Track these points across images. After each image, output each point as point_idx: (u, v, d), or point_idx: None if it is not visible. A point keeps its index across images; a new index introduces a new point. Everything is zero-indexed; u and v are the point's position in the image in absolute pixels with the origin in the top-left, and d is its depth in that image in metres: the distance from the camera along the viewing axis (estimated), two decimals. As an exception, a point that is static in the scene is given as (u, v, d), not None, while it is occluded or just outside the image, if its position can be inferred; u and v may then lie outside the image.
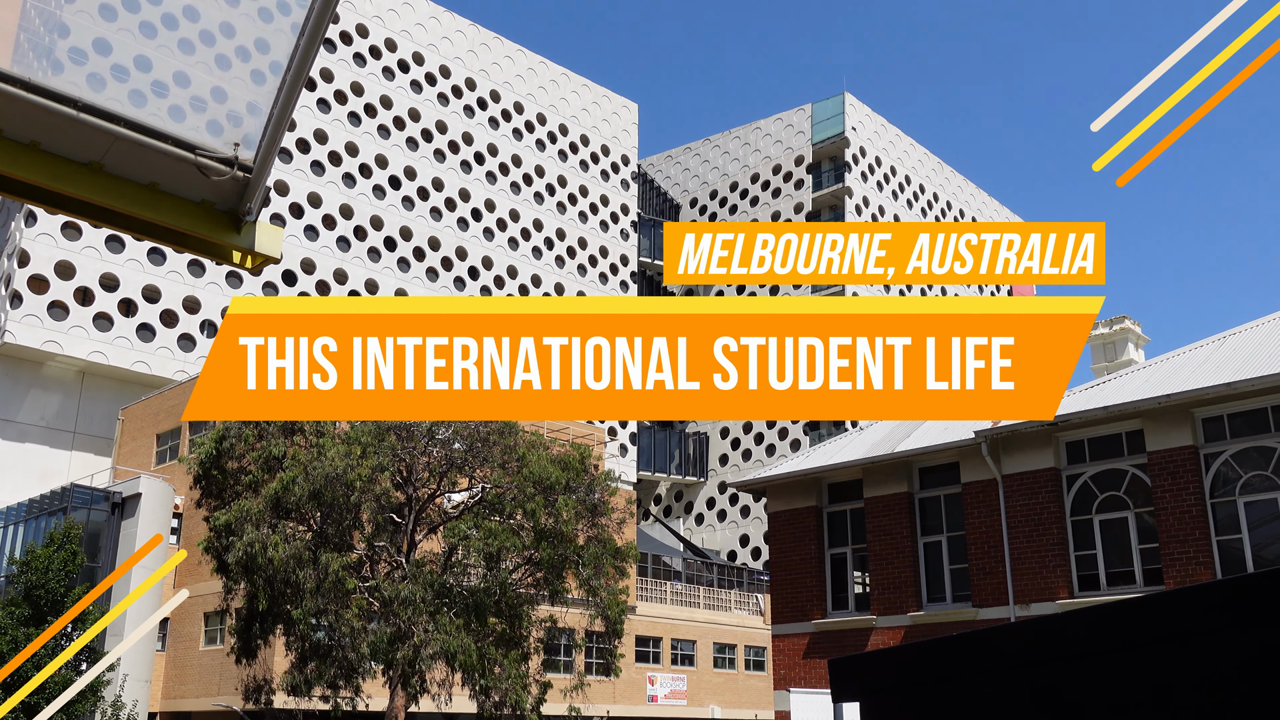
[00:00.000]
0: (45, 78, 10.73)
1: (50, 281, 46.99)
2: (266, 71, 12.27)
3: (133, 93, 11.83)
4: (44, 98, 10.54)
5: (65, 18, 11.62)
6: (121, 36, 11.91)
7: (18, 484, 45.32)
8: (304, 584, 22.47)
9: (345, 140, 57.47)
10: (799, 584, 21.44)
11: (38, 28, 11.50)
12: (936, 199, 79.29)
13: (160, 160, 11.95)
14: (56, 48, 11.53)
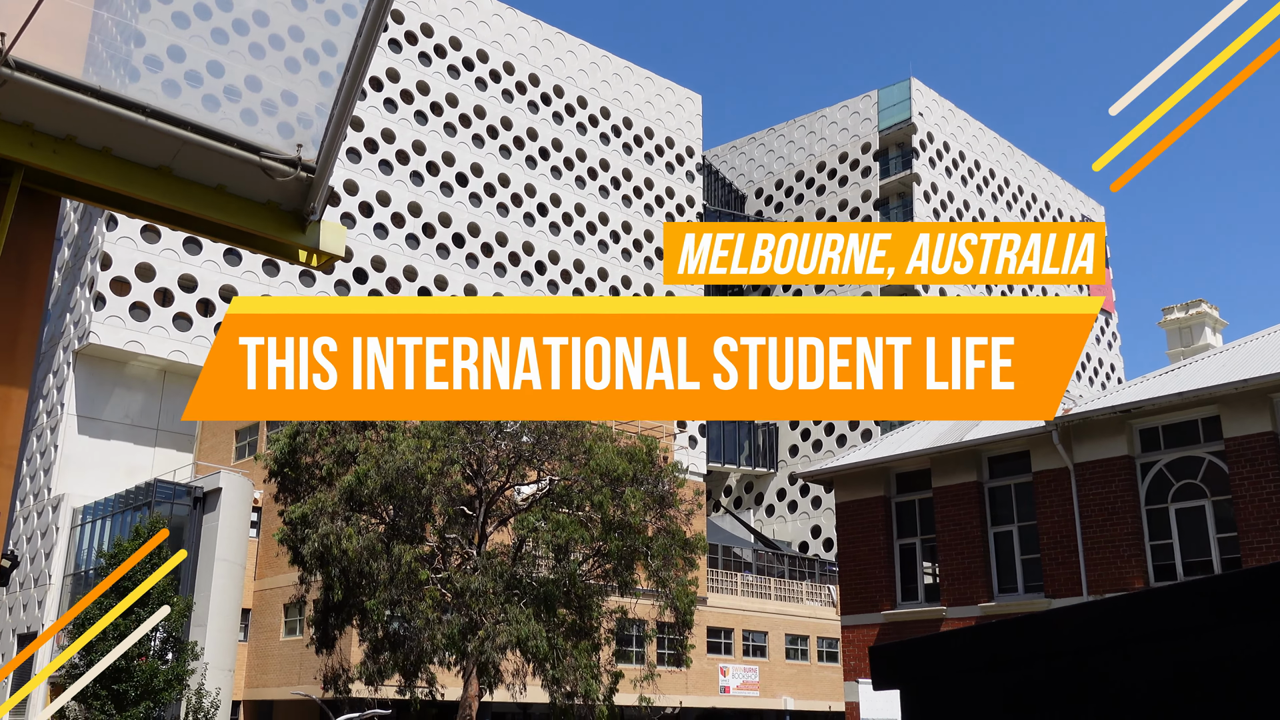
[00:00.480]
0: (116, 85, 11.07)
1: (131, 283, 48.35)
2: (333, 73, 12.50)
3: (201, 98, 12.14)
4: (114, 105, 10.88)
5: (140, 27, 11.96)
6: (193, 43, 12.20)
7: (105, 480, 46.76)
8: (378, 575, 22.92)
9: (412, 139, 58.22)
10: (868, 575, 21.32)
11: (113, 37, 11.87)
12: (1007, 183, 77.97)
13: (227, 163, 12.25)
14: (131, 56, 11.88)
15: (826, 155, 74.16)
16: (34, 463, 50.39)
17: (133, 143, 11.33)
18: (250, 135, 11.89)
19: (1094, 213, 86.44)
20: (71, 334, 49.54)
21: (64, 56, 11.27)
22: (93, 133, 11.18)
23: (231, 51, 13.64)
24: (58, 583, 42.74)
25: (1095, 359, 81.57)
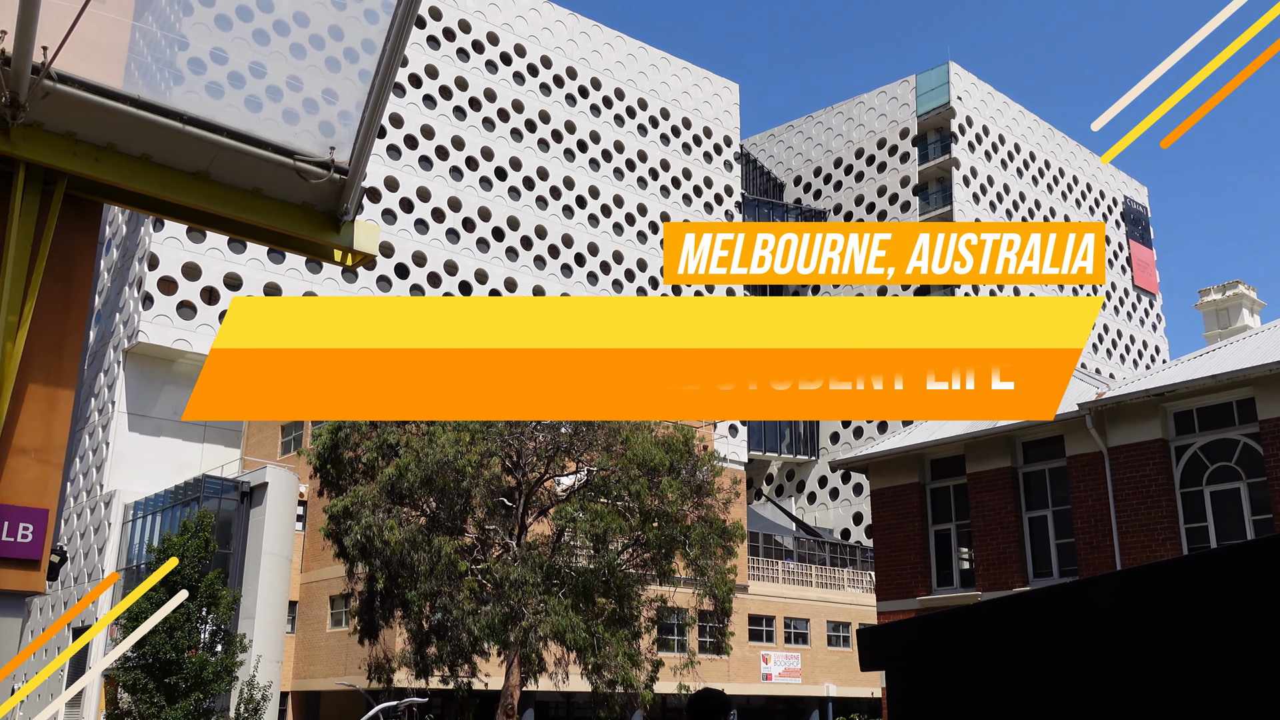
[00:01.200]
0: (155, 94, 11.42)
1: (178, 283, 49.28)
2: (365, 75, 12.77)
3: (237, 103, 12.51)
4: (153, 113, 11.23)
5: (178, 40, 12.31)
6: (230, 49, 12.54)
7: (155, 476, 47.75)
8: (418, 566, 23.34)
9: (451, 134, 58.72)
10: (903, 560, 21.41)
11: (152, 48, 12.21)
12: (1048, 166, 77.13)
13: (262, 167, 12.61)
14: (169, 66, 12.24)
15: (865, 142, 73.79)
16: (86, 460, 51.57)
17: (171, 149, 11.73)
18: (285, 139, 12.24)
19: (1137, 194, 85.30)
20: (121, 333, 50.60)
21: (104, 68, 11.66)
22: (133, 141, 11.58)
23: (267, 55, 14.02)
24: (112, 576, 43.73)
25: (1140, 341, 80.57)
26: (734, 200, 70.50)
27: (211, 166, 11.86)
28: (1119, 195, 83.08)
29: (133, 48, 11.66)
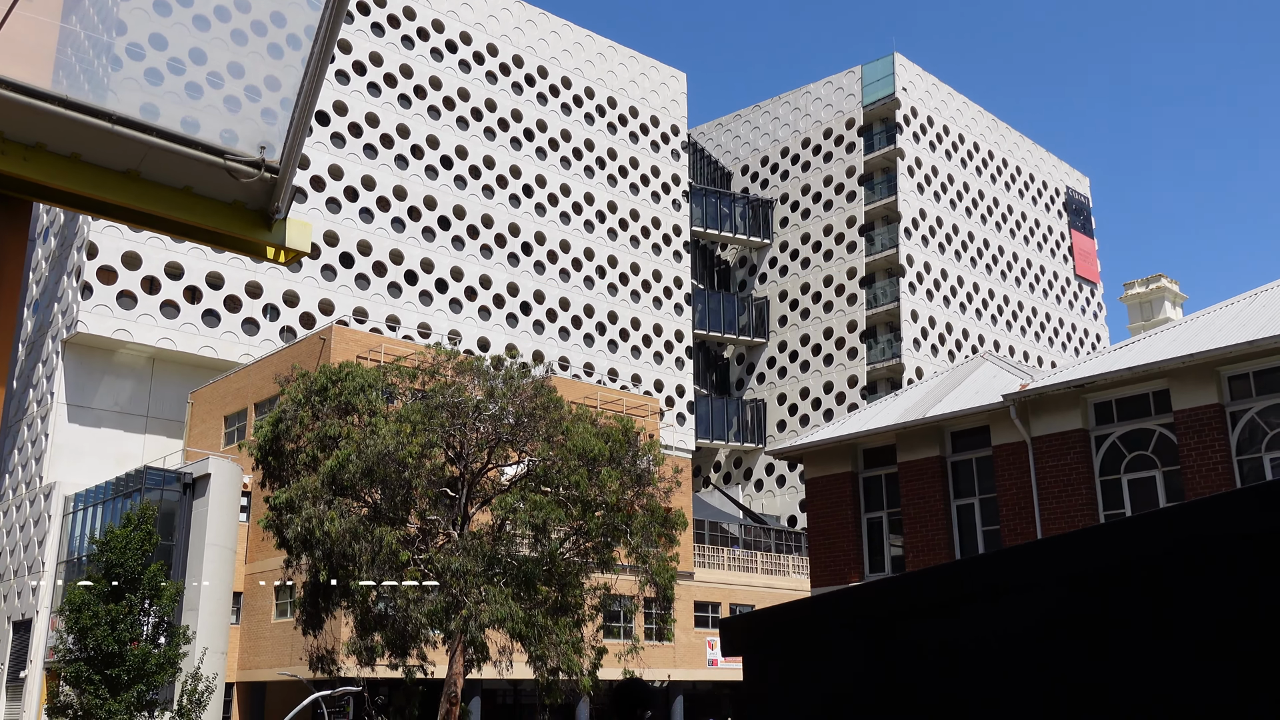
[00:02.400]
0: (84, 94, 11.54)
1: (118, 272, 48.66)
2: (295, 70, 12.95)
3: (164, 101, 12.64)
4: (81, 113, 11.37)
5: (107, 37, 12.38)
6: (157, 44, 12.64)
7: (95, 468, 47.24)
8: (360, 557, 23.45)
9: (396, 122, 58.42)
10: (836, 548, 21.90)
11: (81, 47, 12.31)
12: (992, 156, 78.27)
13: (192, 165, 12.77)
14: (98, 65, 12.34)
15: (812, 131, 74.40)
16: (25, 451, 50.86)
17: (100, 149, 11.79)
18: (208, 138, 12.35)
19: (1079, 184, 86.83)
20: (60, 323, 49.90)
21: (32, 68, 11.71)
22: (61, 140, 11.64)
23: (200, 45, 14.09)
24: (50, 569, 43.28)
25: (1080, 329, 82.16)
26: (681, 189, 70.83)
27: (141, 165, 11.95)
28: (1061, 185, 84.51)
29: (60, 48, 11.71)
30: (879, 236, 69.40)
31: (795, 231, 73.45)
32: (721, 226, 74.08)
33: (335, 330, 41.43)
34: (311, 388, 26.10)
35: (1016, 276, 77.90)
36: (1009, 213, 78.45)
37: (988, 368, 22.16)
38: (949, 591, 3.71)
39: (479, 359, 28.57)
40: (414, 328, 56.05)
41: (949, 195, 73.15)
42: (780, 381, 71.83)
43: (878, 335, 68.80)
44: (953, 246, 72.45)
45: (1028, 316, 77.82)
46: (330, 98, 56.15)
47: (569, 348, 62.36)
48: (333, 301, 54.27)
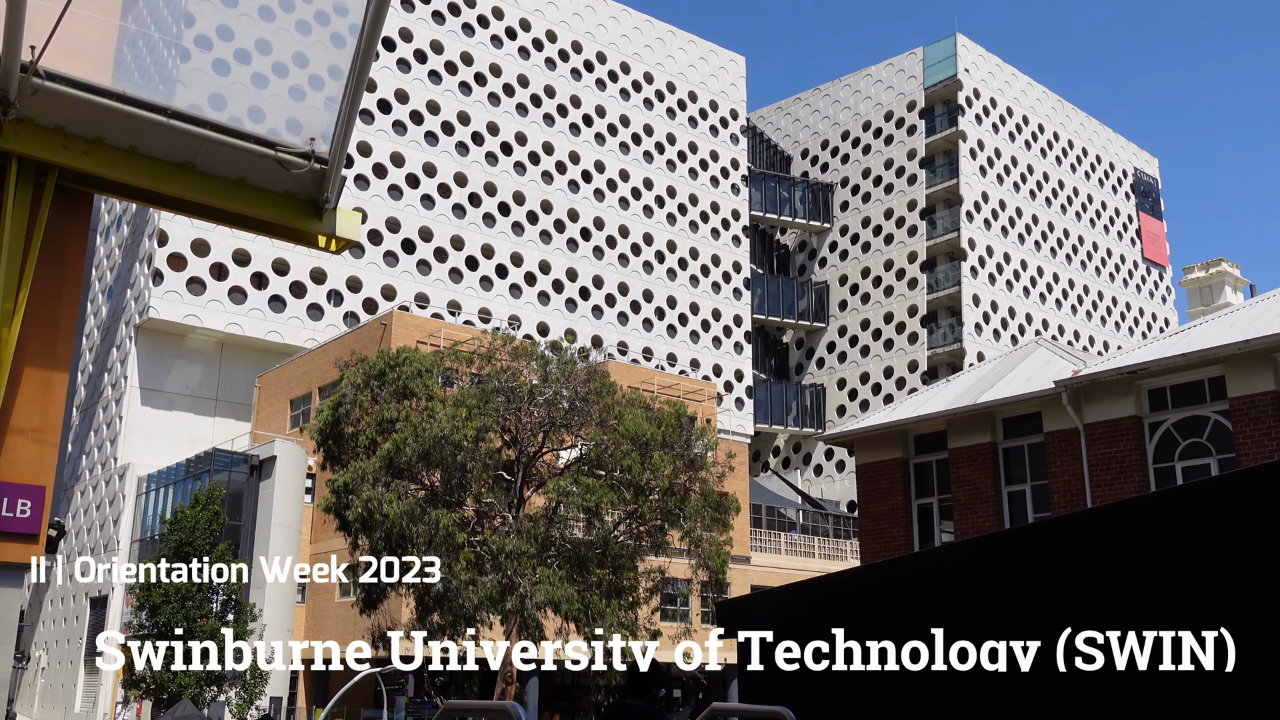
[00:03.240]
0: (141, 89, 11.95)
1: (188, 259, 49.91)
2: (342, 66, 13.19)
3: (230, 91, 13.04)
4: (138, 107, 11.77)
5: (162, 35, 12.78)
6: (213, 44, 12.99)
7: (167, 449, 48.60)
8: (417, 538, 23.95)
9: (457, 109, 59.02)
10: (887, 534, 21.91)
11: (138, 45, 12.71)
12: (1057, 138, 76.91)
13: (245, 157, 13.16)
14: (154, 61, 12.77)
15: (872, 114, 73.71)
16: (101, 433, 52.47)
17: (158, 142, 12.27)
18: (260, 130, 12.73)
19: (1147, 165, 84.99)
20: (132, 309, 51.32)
21: (92, 65, 12.18)
22: (120, 134, 12.12)
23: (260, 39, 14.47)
24: (125, 548, 44.68)
25: (1149, 314, 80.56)
26: (740, 174, 70.65)
27: (197, 158, 12.34)
28: (1129, 167, 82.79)
29: (119, 44, 12.12)
30: (940, 220, 68.63)
31: (855, 215, 72.91)
32: (781, 211, 73.76)
33: (396, 315, 42.13)
34: (370, 373, 26.63)
35: (1082, 260, 76.56)
36: (1074, 195, 77.08)
37: (1041, 353, 21.96)
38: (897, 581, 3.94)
39: (534, 344, 28.92)
40: (474, 313, 56.72)
41: (1012, 178, 72.07)
42: (840, 366, 71.47)
43: (939, 320, 68.13)
44: (1016, 230, 71.41)
45: (1093, 301, 76.47)
46: (392, 85, 56.91)
47: (628, 332, 62.64)
48: (395, 287, 55.10)
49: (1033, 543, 3.57)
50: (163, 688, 31.41)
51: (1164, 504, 3.12)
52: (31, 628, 51.84)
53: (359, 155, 55.05)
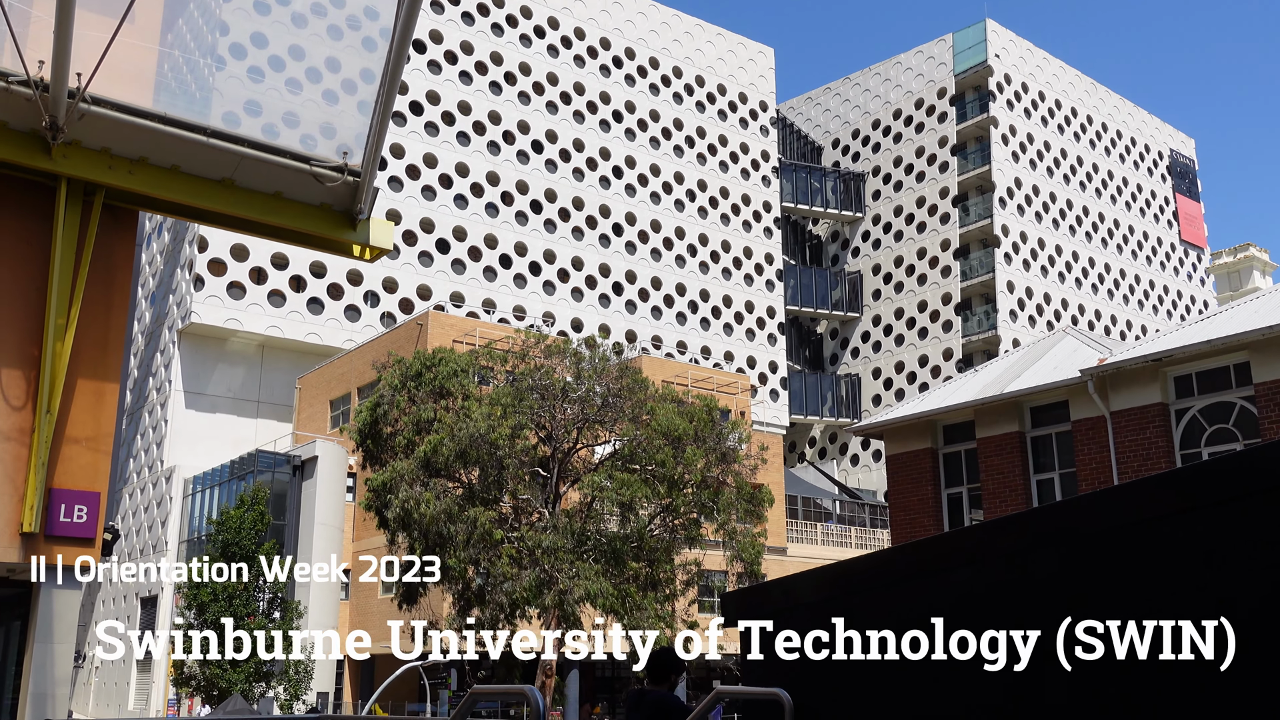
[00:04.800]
0: (181, 111, 12.50)
1: (228, 264, 50.84)
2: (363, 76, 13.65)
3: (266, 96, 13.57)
4: (179, 128, 12.32)
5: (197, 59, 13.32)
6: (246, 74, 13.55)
7: (211, 451, 49.58)
8: (455, 536, 24.47)
9: (488, 109, 59.58)
10: (917, 524, 22.15)
11: (178, 69, 13.27)
12: (1091, 121, 76.29)
13: (281, 172, 13.71)
14: (193, 85, 13.32)
15: (903, 102, 73.49)
16: (147, 436, 53.58)
17: (198, 160, 12.83)
18: (296, 146, 13.23)
19: (1184, 146, 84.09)
20: (175, 314, 52.35)
21: (135, 88, 12.74)
22: (162, 154, 12.68)
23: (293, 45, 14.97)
24: (173, 548, 45.68)
25: (1186, 296, 79.77)
26: (771, 165, 70.72)
27: (235, 174, 12.88)
28: (1165, 149, 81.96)
29: (160, 66, 12.66)
30: (973, 207, 68.38)
31: (887, 204, 72.78)
32: (812, 201, 73.76)
33: (432, 316, 42.74)
34: (407, 373, 27.18)
35: (1118, 244, 75.95)
36: (1109, 178, 76.45)
37: (1068, 342, 22.09)
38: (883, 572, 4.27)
39: (567, 341, 29.35)
40: (509, 311, 57.31)
41: (1045, 162, 71.62)
42: (874, 356, 71.43)
43: (973, 307, 67.91)
44: (1050, 215, 70.99)
45: (1130, 284, 75.86)
46: (423, 87, 57.54)
47: (661, 327, 63.00)
48: (430, 287, 55.79)
49: (1047, 519, 3.83)
50: (212, 684, 32.21)
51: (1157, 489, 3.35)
52: (85, 627, 53.10)
53: (392, 157, 55.74)
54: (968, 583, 3.80)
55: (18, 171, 11.96)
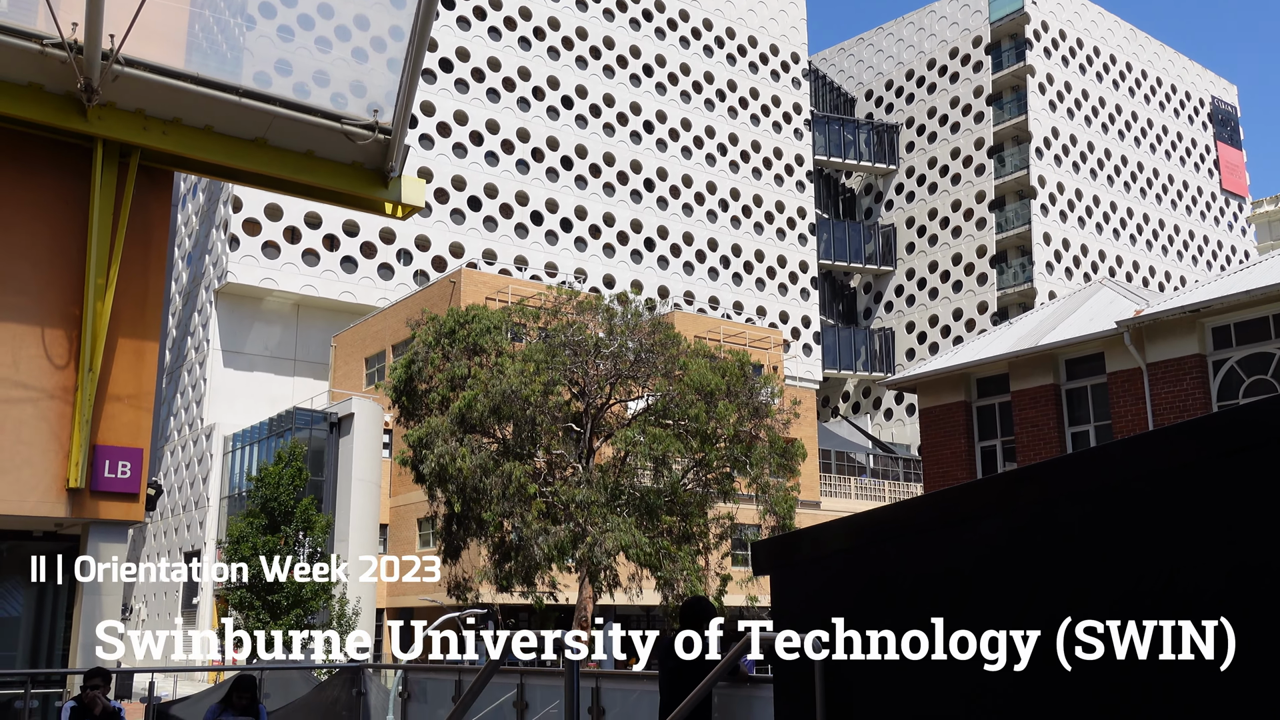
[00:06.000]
0: (213, 71, 12.59)
1: (262, 224, 51.18)
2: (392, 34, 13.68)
3: (296, 55, 13.61)
4: (212, 89, 12.41)
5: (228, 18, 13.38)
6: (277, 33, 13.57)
7: (249, 409, 50.23)
8: (490, 490, 24.74)
9: (518, 65, 59.31)
10: (950, 477, 22.13)
11: (209, 29, 13.33)
12: (1130, 68, 74.84)
13: (313, 131, 13.77)
14: (223, 44, 13.39)
15: (937, 52, 72.40)
16: (186, 395, 54.34)
17: (231, 120, 12.92)
18: (327, 104, 13.29)
19: (1225, 93, 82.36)
20: (211, 274, 52.85)
21: (167, 49, 12.83)
22: (196, 114, 12.78)
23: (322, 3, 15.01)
24: (215, 504, 46.46)
25: (1227, 246, 78.51)
26: (803, 118, 70.02)
27: (268, 133, 12.95)
28: (1206, 95, 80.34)
29: (191, 25, 12.72)
30: (1009, 158, 67.47)
31: (921, 156, 71.94)
32: (845, 154, 73.04)
33: (464, 273, 42.90)
34: (441, 330, 27.38)
35: (1157, 193, 74.75)
36: (1149, 127, 75.11)
37: (1105, 293, 21.88)
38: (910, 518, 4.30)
39: (599, 298, 29.41)
40: (541, 267, 57.37)
41: (1083, 111, 70.43)
42: (909, 310, 70.99)
43: (1009, 260, 67.23)
44: (1088, 165, 69.92)
45: (1169, 235, 74.75)
46: (452, 44, 57.33)
47: (693, 282, 62.87)
48: (463, 244, 55.92)
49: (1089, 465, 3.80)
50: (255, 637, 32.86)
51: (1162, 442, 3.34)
52: (132, 581, 54.23)
53: (423, 115, 55.70)
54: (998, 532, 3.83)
55: (55, 134, 12.12)
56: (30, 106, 11.51)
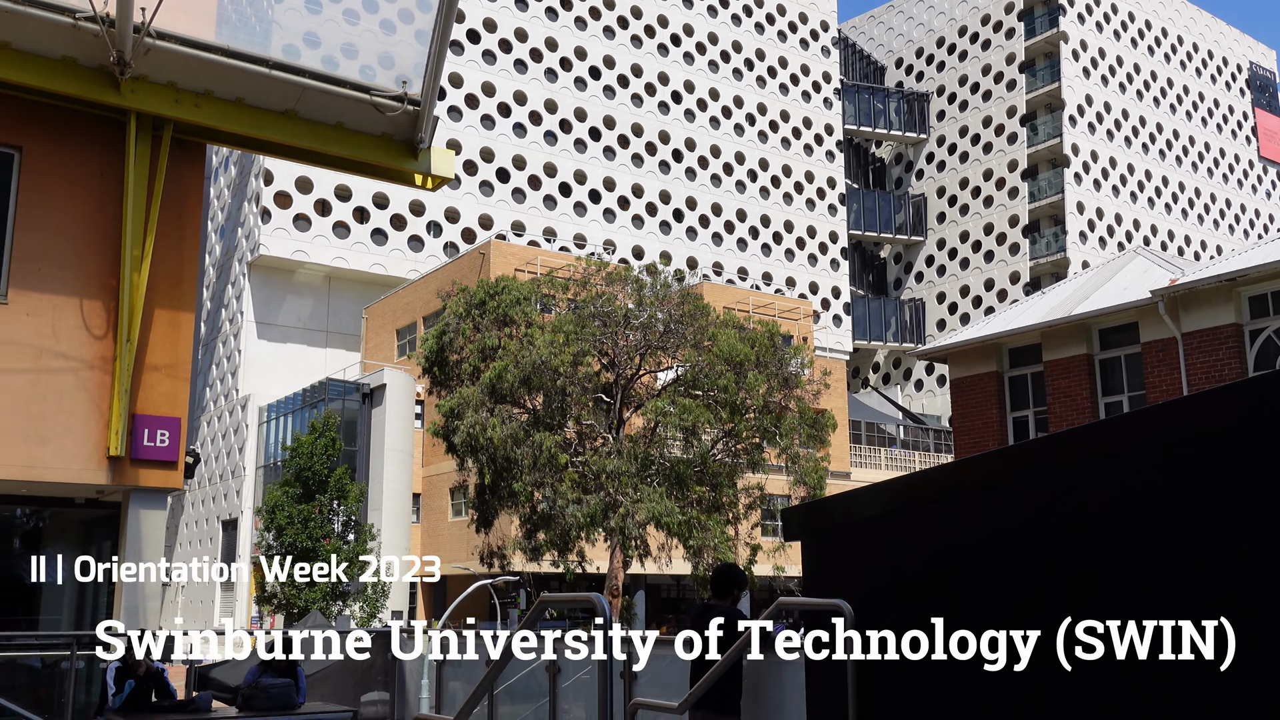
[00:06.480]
0: (243, 43, 12.66)
1: (293, 196, 51.45)
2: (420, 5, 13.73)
3: (324, 28, 13.68)
4: (243, 61, 12.50)
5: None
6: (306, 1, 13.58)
7: (283, 380, 50.71)
8: (521, 460, 24.92)
9: (545, 36, 59.12)
10: (981, 448, 22.05)
11: (241, 1, 13.39)
12: (1165, 34, 73.60)
13: (343, 103, 13.85)
14: (253, 15, 13.46)
15: (969, 19, 71.48)
16: (221, 366, 54.93)
17: (261, 92, 13.00)
18: (356, 76, 13.34)
19: (1264, 58, 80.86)
20: (244, 247, 53.26)
21: (198, 21, 12.90)
22: (227, 86, 12.88)
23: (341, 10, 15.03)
24: (250, 474, 47.03)
25: (1265, 215, 77.34)
26: (832, 87, 69.41)
27: (298, 105, 13.02)
28: (1244, 61, 78.91)
29: (220, 2, 12.79)
30: (1041, 126, 66.66)
31: (952, 125, 71.21)
32: (875, 123, 72.41)
33: (494, 245, 43.00)
34: (471, 302, 27.50)
35: (1193, 161, 73.66)
36: (1185, 94, 73.93)
37: (1139, 262, 21.66)
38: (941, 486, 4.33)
39: (628, 269, 29.42)
40: (570, 239, 57.39)
41: (1118, 78, 69.40)
42: (940, 280, 70.50)
43: (1041, 229, 66.56)
44: (1122, 133, 68.96)
45: (1205, 204, 73.71)
46: (480, 15, 57.20)
47: (722, 253, 62.70)
48: (492, 216, 56.02)
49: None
50: (292, 603, 33.37)
51: None
52: (171, 549, 55.12)
53: (450, 87, 55.67)
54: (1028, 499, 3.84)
55: (90, 108, 12.24)
56: (64, 80, 11.63)
